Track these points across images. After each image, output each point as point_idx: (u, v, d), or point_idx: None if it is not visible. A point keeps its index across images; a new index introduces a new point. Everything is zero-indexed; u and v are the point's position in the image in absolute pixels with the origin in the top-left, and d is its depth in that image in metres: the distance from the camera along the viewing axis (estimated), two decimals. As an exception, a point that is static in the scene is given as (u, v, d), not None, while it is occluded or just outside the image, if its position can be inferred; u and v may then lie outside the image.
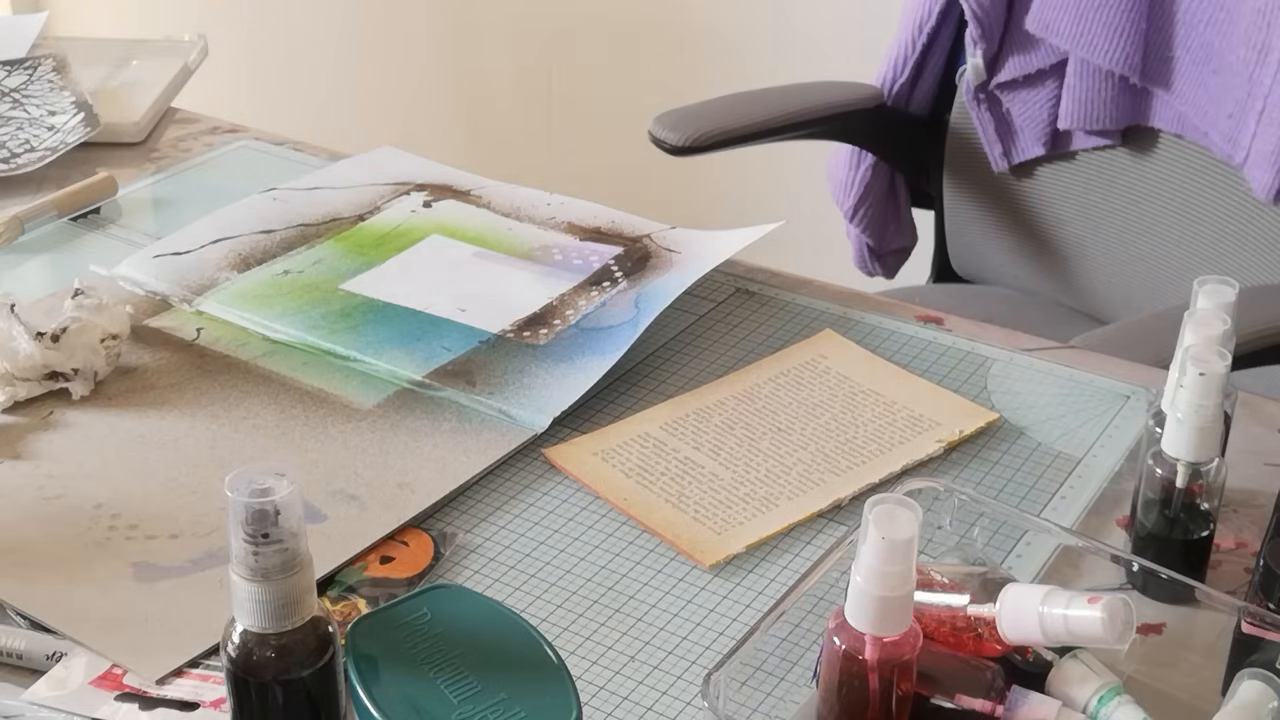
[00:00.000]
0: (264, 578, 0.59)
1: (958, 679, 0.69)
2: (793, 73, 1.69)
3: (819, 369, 1.02)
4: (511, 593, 0.83)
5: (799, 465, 0.92)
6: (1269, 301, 1.24)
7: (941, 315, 1.10)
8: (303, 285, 1.10)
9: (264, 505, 0.58)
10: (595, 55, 2.43)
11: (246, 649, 0.61)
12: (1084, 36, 1.42)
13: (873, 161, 1.64)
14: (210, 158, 1.35)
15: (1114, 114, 1.46)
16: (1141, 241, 1.51)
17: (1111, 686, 0.69)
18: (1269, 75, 1.31)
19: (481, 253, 1.14)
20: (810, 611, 0.75)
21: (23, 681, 0.76)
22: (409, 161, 1.30)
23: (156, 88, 1.44)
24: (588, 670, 0.77)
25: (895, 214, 1.69)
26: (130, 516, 0.87)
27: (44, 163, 1.29)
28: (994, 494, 0.90)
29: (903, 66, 1.59)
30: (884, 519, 0.64)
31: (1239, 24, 1.34)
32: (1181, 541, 0.81)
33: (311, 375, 1.01)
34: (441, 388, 0.98)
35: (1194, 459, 0.78)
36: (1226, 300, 0.81)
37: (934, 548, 0.79)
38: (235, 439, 0.94)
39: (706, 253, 1.11)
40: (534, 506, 0.89)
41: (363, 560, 0.84)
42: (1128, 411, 0.98)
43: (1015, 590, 0.69)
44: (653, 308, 1.04)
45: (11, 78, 1.45)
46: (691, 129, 1.49)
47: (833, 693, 0.67)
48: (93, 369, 0.99)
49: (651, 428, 0.96)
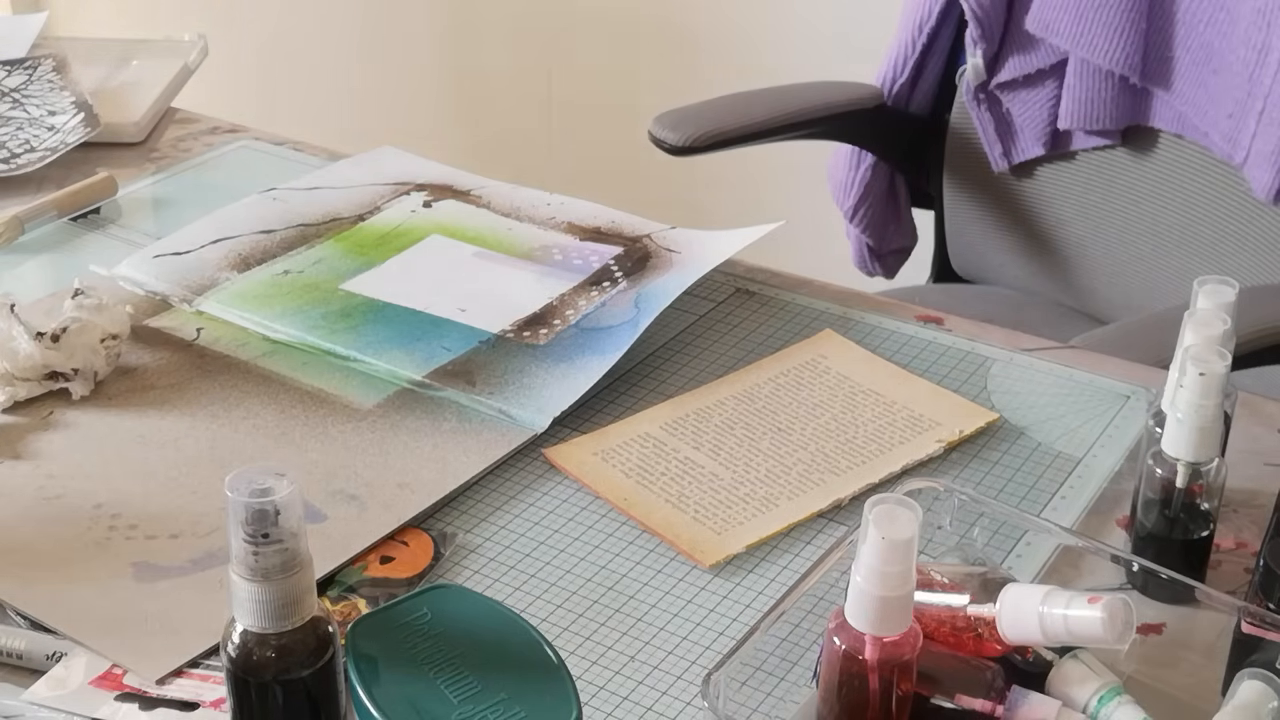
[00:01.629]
0: (264, 578, 0.59)
1: (958, 679, 0.69)
2: (793, 73, 1.69)
3: (819, 369, 1.02)
4: (511, 593, 0.83)
5: (799, 465, 0.92)
6: (1269, 301, 1.24)
7: (941, 315, 1.10)
8: (303, 285, 1.10)
9: (264, 505, 0.58)
10: (595, 55, 2.43)
11: (246, 649, 0.61)
12: (1084, 36, 1.42)
13: (873, 161, 1.64)
14: (210, 158, 1.35)
15: (1114, 114, 1.46)
16: (1141, 241, 1.51)
17: (1111, 686, 0.69)
18: (1269, 75, 1.31)
19: (481, 253, 1.14)
20: (810, 611, 0.75)
21: (23, 681, 0.76)
22: (409, 161, 1.30)
23: (156, 88, 1.44)
24: (588, 670, 0.77)
25: (895, 214, 1.69)
26: (130, 516, 0.87)
27: (44, 163, 1.29)
28: (994, 494, 0.90)
29: (903, 66, 1.59)
30: (884, 519, 0.64)
31: (1239, 24, 1.34)
32: (1181, 541, 0.81)
33: (311, 375, 1.01)
34: (441, 388, 0.98)
35: (1194, 459, 0.78)
36: (1226, 300, 0.81)
37: (934, 548, 0.79)
38: (235, 439, 0.94)
39: (706, 253, 1.11)
40: (534, 506, 0.89)
41: (363, 560, 0.84)
42: (1128, 411, 0.98)
43: (1015, 590, 0.69)
44: (653, 308, 1.04)
45: (11, 78, 1.45)
46: (691, 129, 1.49)
47: (833, 693, 0.67)
48: (93, 369, 0.99)
49: (651, 428, 0.96)
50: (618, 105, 2.39)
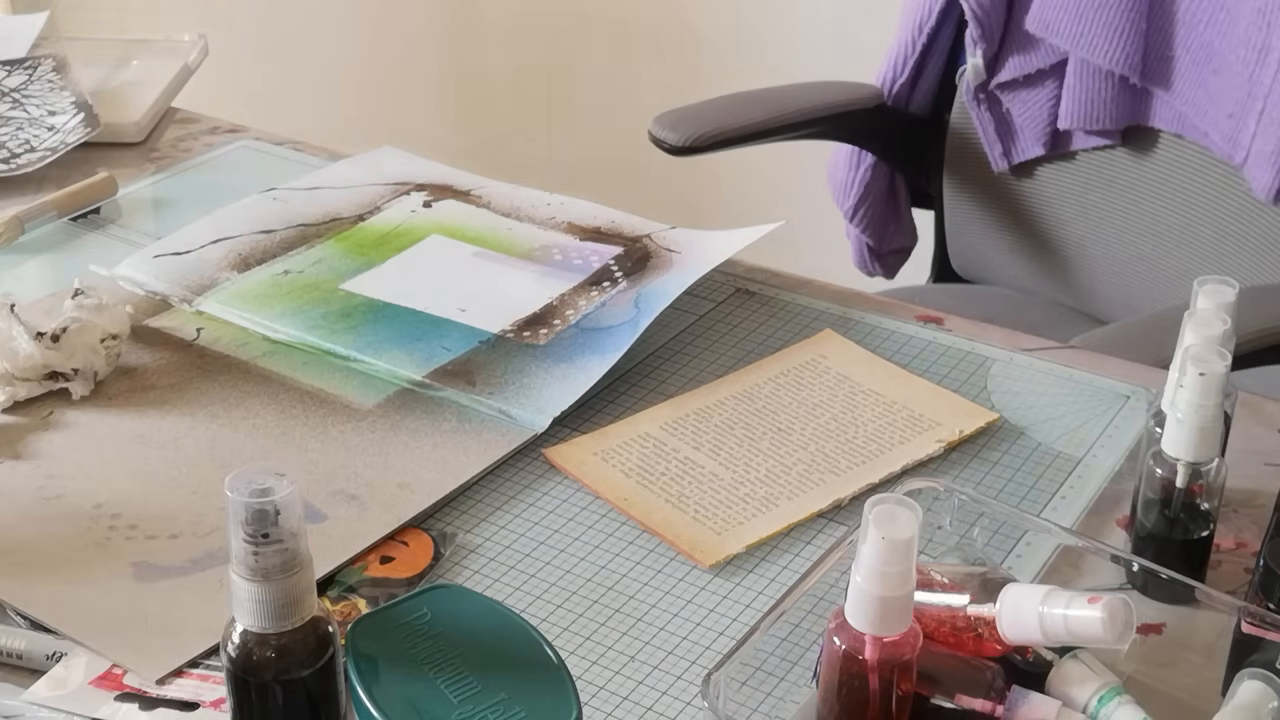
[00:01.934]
0: (264, 578, 0.59)
1: (958, 679, 0.69)
2: (793, 73, 1.69)
3: (819, 369, 1.02)
4: (511, 593, 0.83)
5: (799, 465, 0.92)
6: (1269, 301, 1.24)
7: (941, 315, 1.10)
8: (303, 285, 1.10)
9: (264, 505, 0.58)
10: (595, 55, 2.43)
11: (246, 649, 0.61)
12: (1084, 36, 1.42)
13: (873, 161, 1.64)
14: (210, 158, 1.35)
15: (1114, 114, 1.46)
16: (1141, 241, 1.51)
17: (1111, 686, 0.69)
18: (1269, 75, 1.31)
19: (481, 253, 1.14)
20: (810, 611, 0.75)
21: (23, 681, 0.76)
22: (409, 161, 1.30)
23: (156, 88, 1.44)
24: (588, 670, 0.77)
25: (895, 214, 1.69)
26: (130, 516, 0.87)
27: (44, 163, 1.29)
28: (994, 494, 0.90)
29: (903, 66, 1.59)
30: (884, 519, 0.64)
31: (1239, 24, 1.34)
32: (1181, 541, 0.81)
33: (311, 375, 1.01)
34: (441, 388, 0.98)
35: (1194, 459, 0.78)
36: (1226, 300, 0.81)
37: (934, 548, 0.79)
38: (235, 439, 0.94)
39: (706, 253, 1.11)
40: (534, 506, 0.89)
41: (363, 560, 0.84)
42: (1128, 411, 0.98)
43: (1015, 590, 0.69)
44: (653, 308, 1.04)
45: (11, 78, 1.45)
46: (691, 129, 1.49)
47: (833, 693, 0.67)
48: (93, 369, 0.99)
49: (651, 428, 0.96)
50: (618, 105, 2.39)
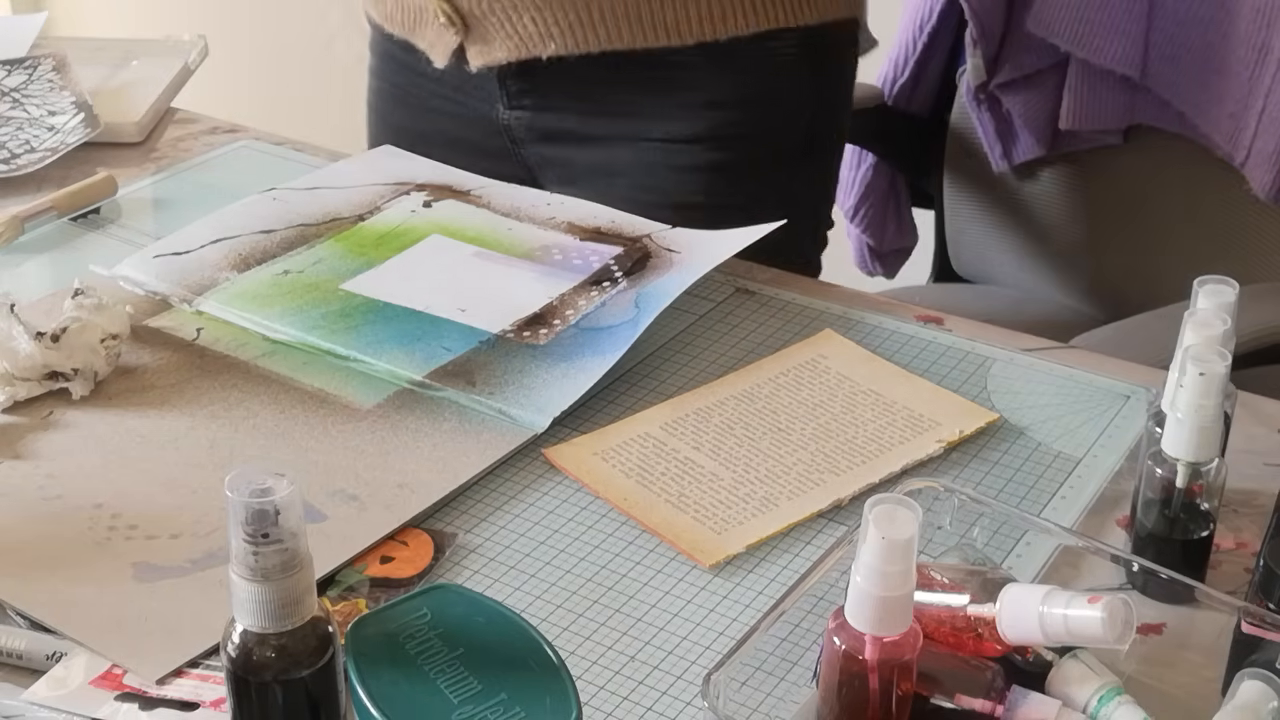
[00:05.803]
0: (264, 578, 0.59)
1: (958, 679, 0.69)
2: (793, 73, 1.68)
3: (819, 369, 1.02)
4: (511, 593, 0.83)
5: (799, 465, 0.92)
6: (1269, 301, 1.24)
7: (941, 315, 1.10)
8: (303, 285, 1.10)
9: (264, 505, 0.58)
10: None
11: (246, 649, 0.61)
12: (1084, 36, 1.42)
13: (873, 161, 1.64)
14: (210, 158, 1.35)
15: (1114, 114, 1.46)
16: (1141, 241, 1.51)
17: (1111, 686, 0.69)
18: (1269, 75, 1.31)
19: (481, 253, 1.14)
20: (810, 611, 0.75)
21: (23, 681, 0.76)
22: (409, 161, 1.30)
23: (156, 88, 1.44)
24: (588, 670, 0.77)
25: (895, 214, 1.69)
26: (130, 516, 0.87)
27: (44, 163, 1.29)
28: (994, 494, 0.90)
29: (903, 66, 1.59)
30: (884, 519, 0.64)
31: (1239, 24, 1.34)
32: (1181, 541, 0.81)
33: (311, 375, 1.01)
34: (441, 388, 0.98)
35: (1194, 459, 0.78)
36: (1226, 300, 0.81)
37: (934, 548, 0.79)
38: (235, 439, 0.94)
39: (706, 253, 1.11)
40: (534, 506, 0.89)
41: (363, 560, 0.84)
42: (1128, 411, 0.98)
43: (1015, 590, 0.69)
44: (653, 308, 1.04)
45: (11, 78, 1.45)
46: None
47: (833, 693, 0.67)
48: (93, 369, 0.99)
49: (651, 428, 0.96)
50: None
